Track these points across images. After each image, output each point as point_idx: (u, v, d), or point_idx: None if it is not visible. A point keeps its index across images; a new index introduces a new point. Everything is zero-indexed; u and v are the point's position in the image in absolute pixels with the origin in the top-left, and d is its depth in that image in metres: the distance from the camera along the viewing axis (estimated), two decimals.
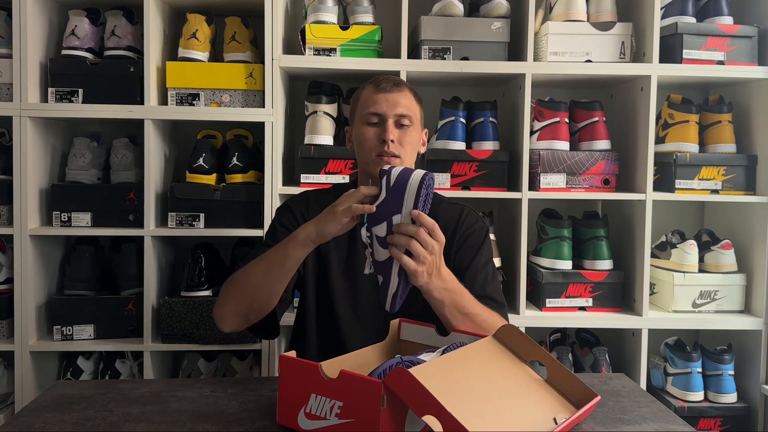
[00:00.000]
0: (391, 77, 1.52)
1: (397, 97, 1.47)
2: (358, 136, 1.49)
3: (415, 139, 1.49)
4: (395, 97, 1.47)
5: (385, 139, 1.43)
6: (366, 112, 1.47)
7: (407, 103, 1.48)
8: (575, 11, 2.13)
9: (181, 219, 2.09)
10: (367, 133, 1.47)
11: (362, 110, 1.49)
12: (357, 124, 1.50)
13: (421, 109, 1.54)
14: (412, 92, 1.52)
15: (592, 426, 1.14)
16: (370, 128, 1.47)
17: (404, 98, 1.48)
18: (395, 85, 1.49)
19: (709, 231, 2.30)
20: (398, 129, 1.46)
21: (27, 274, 2.04)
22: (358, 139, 1.49)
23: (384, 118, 1.45)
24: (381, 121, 1.46)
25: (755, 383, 2.16)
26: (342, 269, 1.52)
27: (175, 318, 2.06)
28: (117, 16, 2.14)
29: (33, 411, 1.17)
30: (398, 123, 1.46)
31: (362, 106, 1.49)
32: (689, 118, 2.18)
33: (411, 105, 1.49)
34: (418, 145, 1.52)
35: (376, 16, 2.16)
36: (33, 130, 2.05)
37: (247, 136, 2.25)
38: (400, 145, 1.45)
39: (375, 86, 1.49)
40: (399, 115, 1.46)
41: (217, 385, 1.31)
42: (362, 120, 1.48)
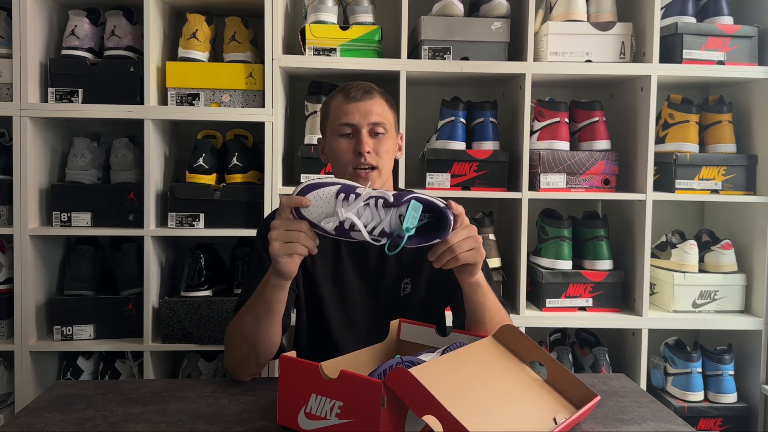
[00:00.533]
0: (361, 84, 1.46)
1: (368, 105, 1.41)
2: (332, 149, 1.44)
3: (390, 146, 1.44)
4: (366, 106, 1.41)
5: (360, 152, 1.39)
6: (338, 124, 1.42)
7: (380, 110, 1.42)
8: (575, 11, 2.13)
9: (181, 219, 2.09)
10: (341, 146, 1.41)
11: (334, 122, 1.43)
12: (330, 136, 1.45)
13: (394, 114, 1.48)
14: (383, 98, 1.46)
15: (592, 426, 1.14)
16: (344, 140, 1.41)
17: (376, 105, 1.42)
18: (365, 92, 1.43)
19: (709, 231, 2.30)
20: (373, 138, 1.41)
21: (27, 274, 2.04)
22: (333, 152, 1.44)
23: (357, 129, 1.40)
24: (354, 132, 1.41)
25: (755, 383, 2.16)
26: (330, 278, 1.49)
27: (175, 318, 2.06)
28: (117, 16, 2.14)
29: (33, 411, 1.17)
30: (372, 132, 1.41)
31: (333, 117, 1.44)
32: (689, 118, 2.18)
33: (384, 112, 1.44)
34: (395, 152, 1.47)
35: (376, 16, 2.16)
36: (33, 130, 2.05)
37: (247, 136, 2.25)
38: (377, 155, 1.41)
39: (344, 96, 1.43)
40: (372, 123, 1.41)
41: (217, 385, 1.31)
42: (335, 132, 1.43)
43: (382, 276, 1.49)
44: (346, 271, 1.48)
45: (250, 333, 1.30)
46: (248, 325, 1.30)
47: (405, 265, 1.49)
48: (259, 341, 1.30)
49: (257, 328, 1.29)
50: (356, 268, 1.49)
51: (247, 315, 1.31)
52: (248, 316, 1.31)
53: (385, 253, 1.29)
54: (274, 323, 1.30)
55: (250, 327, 1.30)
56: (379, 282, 1.49)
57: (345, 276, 1.48)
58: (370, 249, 1.48)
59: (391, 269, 1.49)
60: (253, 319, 1.29)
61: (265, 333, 1.30)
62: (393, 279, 1.49)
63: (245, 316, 1.32)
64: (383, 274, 1.49)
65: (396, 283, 1.50)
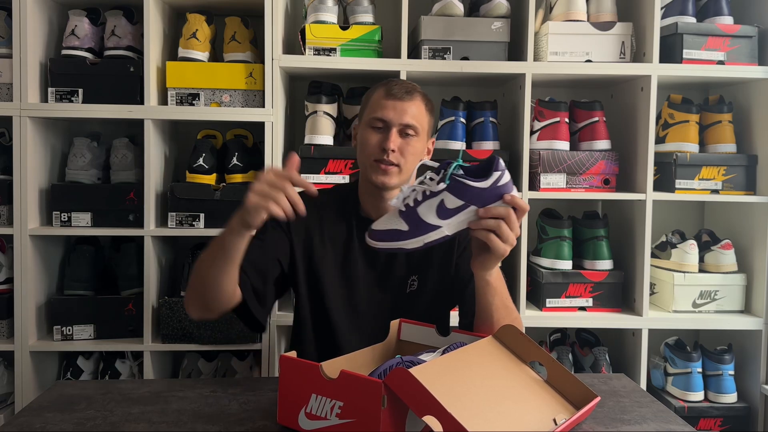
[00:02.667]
0: (405, 83, 1.48)
1: (406, 105, 1.43)
2: (362, 138, 1.46)
3: (418, 149, 1.46)
4: (404, 106, 1.43)
5: (385, 148, 1.41)
6: (372, 116, 1.44)
7: (415, 112, 1.44)
8: (575, 11, 2.13)
9: (181, 219, 2.09)
10: (369, 138, 1.44)
11: (369, 113, 1.46)
12: (363, 125, 1.48)
13: (431, 118, 1.50)
14: (423, 100, 1.47)
15: (592, 426, 1.14)
16: (374, 133, 1.44)
17: (413, 107, 1.44)
18: (407, 92, 1.44)
19: (709, 231, 2.30)
20: (402, 138, 1.43)
21: (27, 274, 2.04)
22: (361, 140, 1.47)
23: (389, 126, 1.42)
24: (385, 128, 1.43)
25: (755, 383, 2.16)
26: (339, 264, 1.49)
27: (175, 318, 2.06)
28: (117, 16, 2.14)
29: (33, 411, 1.17)
30: (402, 132, 1.43)
31: (370, 108, 1.46)
32: (689, 118, 2.18)
33: (419, 114, 1.45)
34: (422, 155, 1.48)
35: (376, 16, 2.16)
36: (33, 130, 2.05)
37: (247, 136, 2.25)
38: (401, 154, 1.43)
39: (386, 91, 1.45)
40: (404, 124, 1.42)
41: (217, 385, 1.31)
42: (368, 123, 1.45)
43: (390, 270, 1.50)
44: (355, 260, 1.49)
45: (203, 273, 1.31)
46: (204, 264, 1.31)
47: (414, 263, 1.50)
48: (209, 283, 1.30)
49: (209, 268, 1.29)
50: (366, 258, 1.50)
51: (205, 255, 1.31)
52: (206, 256, 1.31)
53: None
54: (227, 270, 1.28)
55: (205, 267, 1.30)
56: (387, 275, 1.50)
57: (353, 264, 1.49)
58: None
59: (399, 264, 1.50)
60: (209, 260, 1.29)
61: (216, 276, 1.29)
62: (401, 274, 1.50)
63: (204, 256, 1.31)
64: (392, 268, 1.50)
65: (403, 278, 1.50)
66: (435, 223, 1.14)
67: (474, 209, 1.15)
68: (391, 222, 1.16)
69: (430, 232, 1.14)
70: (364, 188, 1.52)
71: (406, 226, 1.14)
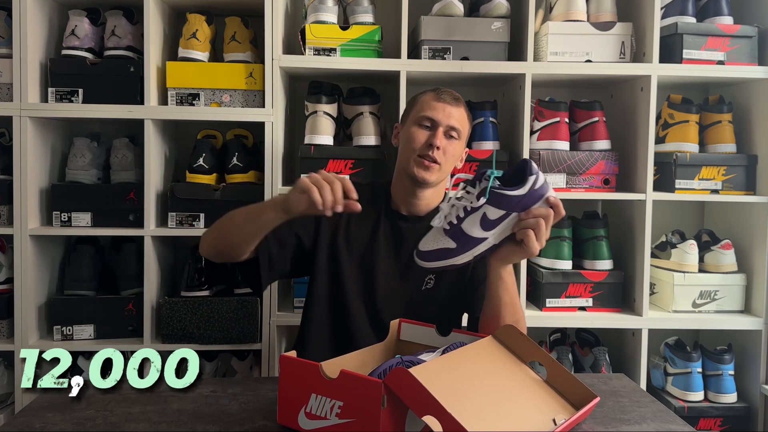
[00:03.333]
0: (453, 92, 1.57)
1: (453, 110, 1.52)
2: (408, 134, 1.54)
3: (458, 152, 1.55)
4: (451, 110, 1.52)
5: (432, 144, 1.49)
6: (421, 115, 1.52)
7: (460, 117, 1.54)
8: (575, 11, 2.13)
9: (181, 219, 2.09)
10: (417, 134, 1.51)
11: (418, 112, 1.53)
12: (409, 123, 1.55)
13: (469, 128, 1.60)
14: (467, 111, 1.58)
15: (592, 426, 1.14)
16: (422, 130, 1.52)
17: (459, 112, 1.53)
18: (455, 99, 1.55)
19: (709, 231, 2.29)
20: (446, 139, 1.51)
21: (27, 274, 2.04)
22: (407, 137, 1.54)
23: (436, 125, 1.51)
24: (432, 127, 1.51)
25: (755, 383, 2.16)
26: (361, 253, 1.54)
27: (175, 318, 2.06)
28: (117, 16, 2.14)
29: (33, 411, 1.17)
30: (447, 133, 1.52)
31: (419, 108, 1.54)
32: (689, 118, 2.18)
33: (463, 120, 1.55)
34: (458, 159, 1.57)
35: (376, 16, 2.16)
36: (33, 130, 2.05)
37: (247, 136, 2.25)
38: (444, 154, 1.51)
39: (436, 94, 1.54)
40: (450, 126, 1.51)
41: (217, 385, 1.31)
42: (415, 121, 1.53)
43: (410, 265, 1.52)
44: (378, 250, 1.55)
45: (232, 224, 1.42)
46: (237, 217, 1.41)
47: None
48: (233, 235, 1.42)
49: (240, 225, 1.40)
50: (389, 250, 1.56)
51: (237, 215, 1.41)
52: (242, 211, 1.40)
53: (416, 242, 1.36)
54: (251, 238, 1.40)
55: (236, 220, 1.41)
56: (406, 269, 1.55)
57: (376, 254, 1.55)
58: (406, 237, 1.55)
59: None
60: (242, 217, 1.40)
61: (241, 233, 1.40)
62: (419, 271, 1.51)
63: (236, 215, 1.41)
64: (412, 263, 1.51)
65: (421, 275, 1.55)
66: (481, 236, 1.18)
67: (516, 215, 1.19)
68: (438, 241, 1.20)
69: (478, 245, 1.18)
70: (398, 184, 1.58)
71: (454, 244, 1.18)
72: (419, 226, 1.53)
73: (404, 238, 1.55)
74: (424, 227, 1.50)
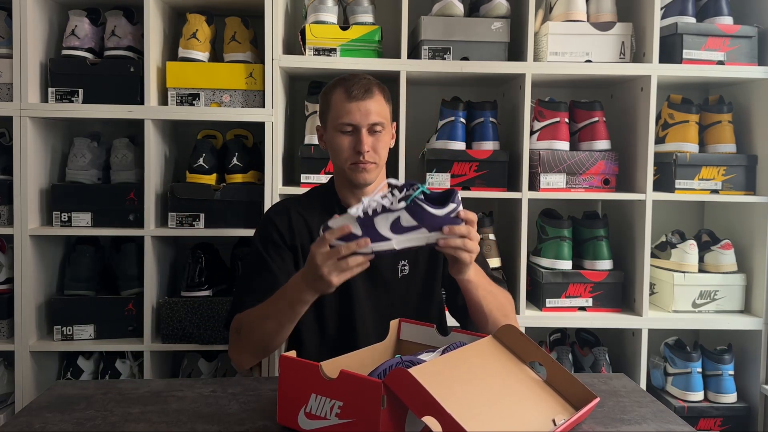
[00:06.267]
0: (360, 80, 1.49)
1: (368, 104, 1.46)
2: (332, 143, 1.49)
3: (387, 140, 1.51)
4: (367, 106, 1.46)
5: (360, 150, 1.45)
6: (339, 122, 1.46)
7: (378, 108, 1.47)
8: (575, 11, 2.13)
9: (181, 219, 2.09)
10: (341, 143, 1.47)
11: (335, 119, 1.48)
12: (330, 130, 1.50)
13: (390, 106, 1.54)
14: (381, 93, 1.50)
15: (592, 426, 1.14)
16: (344, 137, 1.47)
17: (375, 104, 1.47)
18: (366, 91, 1.46)
19: (709, 231, 2.30)
20: (371, 136, 1.47)
21: (27, 274, 2.04)
22: (333, 146, 1.50)
23: (358, 128, 1.45)
24: (354, 131, 1.46)
25: (755, 383, 2.16)
26: None
27: (176, 318, 2.06)
28: (117, 16, 2.14)
29: (33, 411, 1.17)
30: (371, 130, 1.46)
31: (334, 114, 1.48)
32: (689, 118, 2.18)
33: (382, 110, 1.48)
34: (390, 143, 1.54)
35: (376, 16, 2.16)
36: (33, 130, 2.06)
37: (247, 136, 2.25)
38: (375, 152, 1.47)
39: (346, 93, 1.46)
40: (371, 124, 1.46)
41: (217, 385, 1.31)
42: (336, 128, 1.48)
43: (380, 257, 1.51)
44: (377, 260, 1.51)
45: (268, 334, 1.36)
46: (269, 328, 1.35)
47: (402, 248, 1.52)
48: (275, 343, 1.37)
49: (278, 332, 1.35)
50: None
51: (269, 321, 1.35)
52: (269, 322, 1.35)
53: None
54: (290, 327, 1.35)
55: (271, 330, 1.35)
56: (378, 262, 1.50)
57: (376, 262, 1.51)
58: None
59: None
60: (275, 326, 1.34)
61: (283, 337, 1.36)
62: (391, 260, 1.53)
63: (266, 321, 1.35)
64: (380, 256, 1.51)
65: (393, 264, 1.54)
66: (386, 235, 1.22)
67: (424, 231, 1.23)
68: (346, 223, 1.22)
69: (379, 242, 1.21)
70: (341, 184, 1.55)
71: (360, 231, 1.21)
72: None
73: None
74: None
